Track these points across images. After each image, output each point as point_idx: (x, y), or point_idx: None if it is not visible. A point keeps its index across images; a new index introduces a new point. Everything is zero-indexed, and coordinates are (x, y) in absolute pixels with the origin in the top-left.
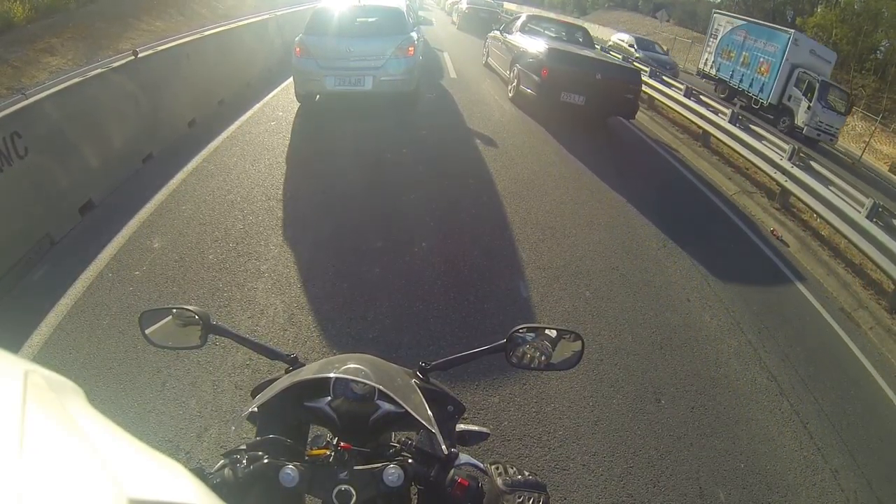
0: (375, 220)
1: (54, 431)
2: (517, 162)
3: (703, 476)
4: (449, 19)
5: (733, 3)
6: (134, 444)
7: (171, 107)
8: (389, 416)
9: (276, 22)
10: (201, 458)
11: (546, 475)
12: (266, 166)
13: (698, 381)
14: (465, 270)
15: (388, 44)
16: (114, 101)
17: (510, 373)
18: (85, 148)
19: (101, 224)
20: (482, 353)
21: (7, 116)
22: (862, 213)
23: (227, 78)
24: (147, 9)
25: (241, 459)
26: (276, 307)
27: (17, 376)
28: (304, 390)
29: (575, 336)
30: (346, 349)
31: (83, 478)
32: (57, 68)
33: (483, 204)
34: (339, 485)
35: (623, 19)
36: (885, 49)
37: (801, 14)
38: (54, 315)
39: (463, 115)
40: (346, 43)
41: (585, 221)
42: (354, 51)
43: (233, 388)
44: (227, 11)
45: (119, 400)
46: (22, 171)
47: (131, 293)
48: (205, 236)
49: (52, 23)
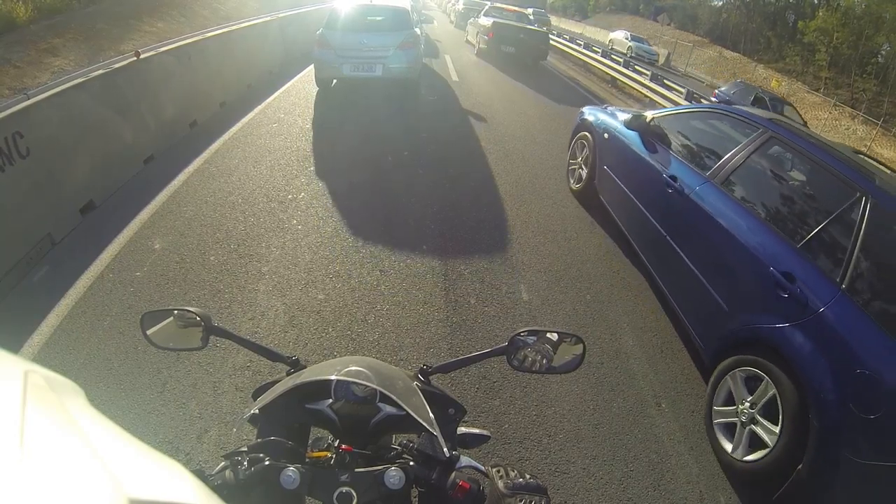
0: (377, 220)
1: (54, 431)
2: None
3: (703, 480)
4: (447, 18)
5: (734, 8)
6: (134, 444)
7: (172, 108)
8: (390, 418)
9: (279, 24)
10: (201, 460)
11: (547, 478)
12: (267, 168)
13: (699, 384)
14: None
15: (395, 38)
16: (115, 102)
17: (511, 376)
18: (86, 148)
19: (102, 225)
20: (484, 356)
21: (9, 116)
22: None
23: (228, 80)
24: (149, 10)
25: (241, 461)
26: (277, 309)
27: (17, 376)
28: (305, 392)
29: (576, 339)
30: (346, 352)
31: (83, 478)
32: (59, 69)
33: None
34: (339, 487)
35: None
36: (886, 53)
37: (802, 18)
38: (55, 315)
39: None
40: (360, 37)
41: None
42: (367, 43)
43: (233, 390)
44: (228, 13)
45: (119, 401)
46: (23, 171)
47: (132, 294)
48: (206, 238)
49: (55, 24)
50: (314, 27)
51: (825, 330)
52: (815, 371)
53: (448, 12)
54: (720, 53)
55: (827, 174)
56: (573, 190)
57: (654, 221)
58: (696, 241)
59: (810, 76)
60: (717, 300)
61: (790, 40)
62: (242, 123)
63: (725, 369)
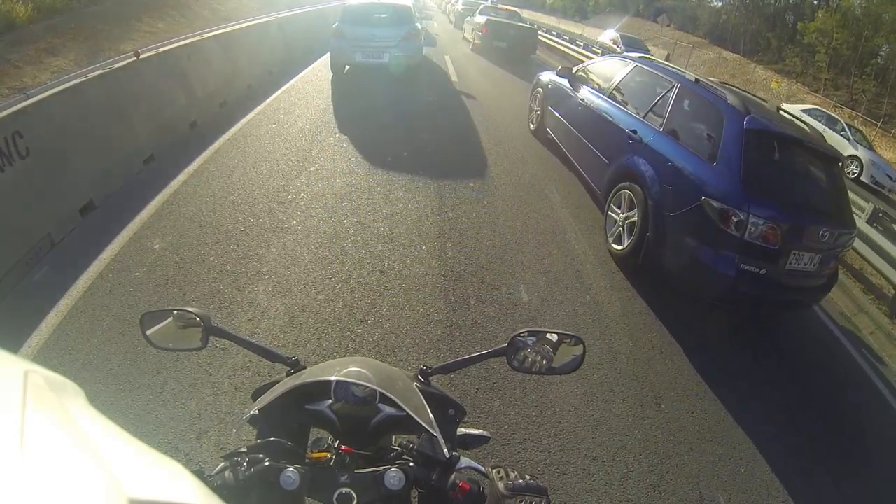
0: (377, 218)
1: (54, 431)
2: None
3: (703, 481)
4: (447, 19)
5: (734, 9)
6: (134, 444)
7: (172, 108)
8: (390, 419)
9: (278, 24)
10: (200, 460)
11: (546, 479)
12: (267, 168)
13: (698, 385)
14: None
15: (400, 31)
16: (115, 102)
17: (510, 376)
18: (86, 149)
19: (101, 225)
20: (484, 356)
21: (9, 116)
22: (862, 218)
23: (228, 80)
24: (149, 10)
25: (241, 462)
26: (277, 309)
27: (17, 376)
28: (305, 393)
29: (576, 340)
30: (346, 352)
31: (83, 478)
32: (59, 69)
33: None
34: (339, 488)
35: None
36: (885, 54)
37: (801, 19)
38: (54, 315)
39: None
40: (370, 30)
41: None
42: (376, 35)
43: (233, 390)
44: (228, 14)
45: (119, 401)
46: (23, 170)
47: (132, 294)
48: (206, 238)
49: (54, 23)
50: (314, 27)
51: (652, 151)
52: (648, 176)
53: (447, 13)
54: (720, 54)
55: (661, 78)
56: (531, 130)
57: (574, 129)
58: (591, 129)
59: (810, 77)
60: (602, 158)
61: (790, 41)
62: (242, 123)
63: (611, 194)
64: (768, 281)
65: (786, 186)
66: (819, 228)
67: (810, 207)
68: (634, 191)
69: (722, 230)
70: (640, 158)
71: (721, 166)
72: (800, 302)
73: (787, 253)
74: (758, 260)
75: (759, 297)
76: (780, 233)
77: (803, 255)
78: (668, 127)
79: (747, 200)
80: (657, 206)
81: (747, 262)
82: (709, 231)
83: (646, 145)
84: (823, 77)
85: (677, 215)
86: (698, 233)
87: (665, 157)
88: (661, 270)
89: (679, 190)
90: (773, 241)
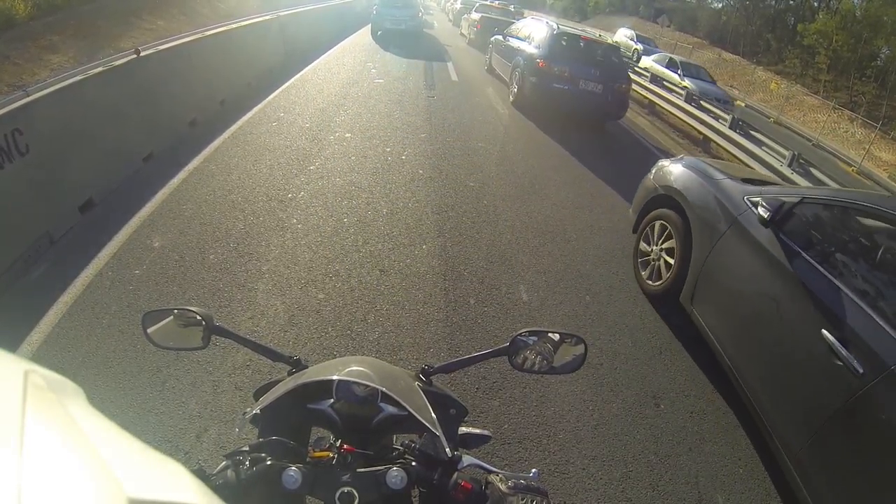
0: (378, 217)
1: (54, 431)
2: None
3: (702, 481)
4: (447, 17)
5: (734, 10)
6: (134, 444)
7: (172, 106)
8: (392, 418)
9: (279, 22)
10: (200, 459)
11: (546, 479)
12: (267, 167)
13: (698, 385)
14: None
15: (411, 12)
16: (115, 100)
17: (511, 376)
18: (86, 146)
19: (101, 223)
20: (485, 356)
21: (8, 113)
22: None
23: (228, 78)
24: (149, 8)
25: (243, 461)
26: (277, 308)
27: (17, 376)
28: (307, 392)
29: (577, 340)
30: (346, 351)
31: (83, 478)
32: (59, 66)
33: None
34: (341, 487)
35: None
36: (885, 56)
37: (802, 21)
38: (53, 314)
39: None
40: (394, 10)
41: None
42: (396, 14)
43: (233, 389)
44: (229, 11)
45: (119, 400)
46: (23, 168)
47: (131, 292)
48: (205, 236)
49: (54, 20)
50: (315, 27)
51: (522, 52)
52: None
53: (447, 11)
54: (719, 55)
55: (534, 21)
56: (486, 70)
57: (503, 58)
58: (506, 53)
59: (809, 79)
60: (509, 64)
61: (790, 43)
62: (242, 122)
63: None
64: (572, 93)
65: (572, 55)
66: (590, 70)
67: (585, 63)
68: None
69: (542, 70)
70: (519, 58)
71: (543, 48)
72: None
73: (577, 81)
74: (562, 83)
75: (570, 102)
76: (568, 71)
77: (588, 83)
78: (530, 41)
79: (550, 59)
80: (525, 64)
81: (556, 83)
82: (537, 70)
83: (521, 49)
84: (823, 79)
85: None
86: (536, 71)
87: (525, 50)
88: None
89: (529, 57)
90: (567, 75)
